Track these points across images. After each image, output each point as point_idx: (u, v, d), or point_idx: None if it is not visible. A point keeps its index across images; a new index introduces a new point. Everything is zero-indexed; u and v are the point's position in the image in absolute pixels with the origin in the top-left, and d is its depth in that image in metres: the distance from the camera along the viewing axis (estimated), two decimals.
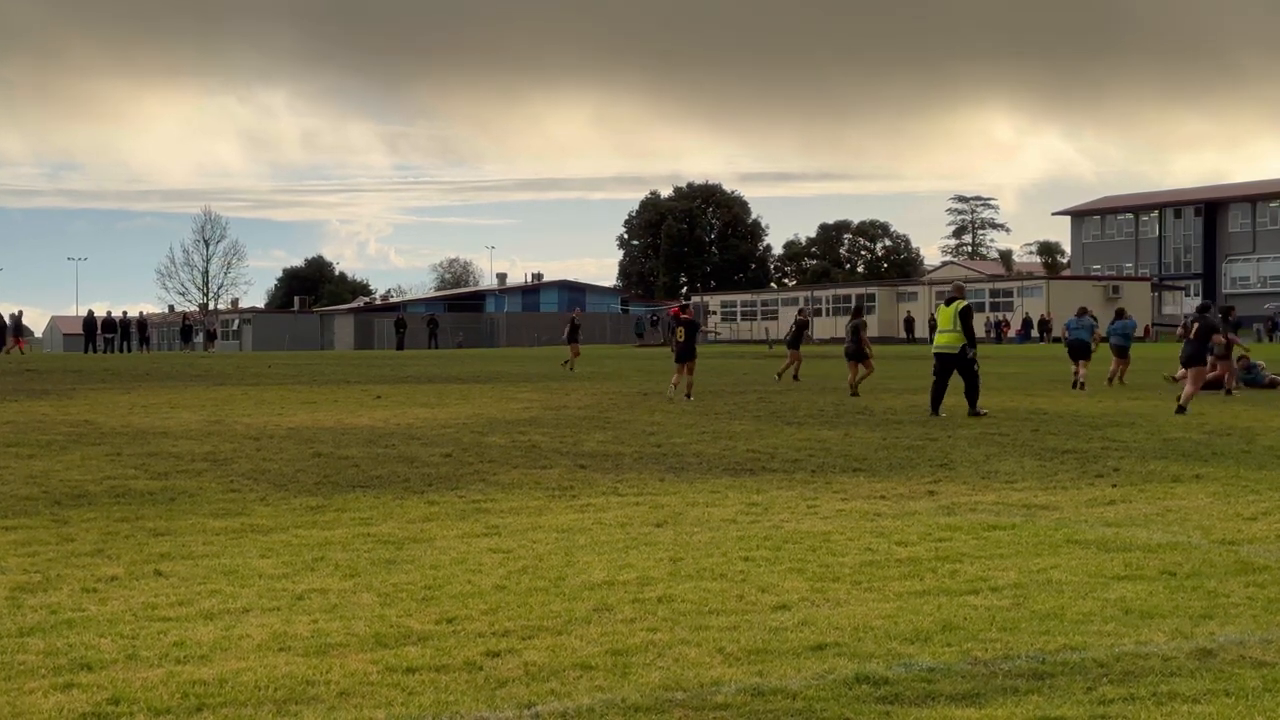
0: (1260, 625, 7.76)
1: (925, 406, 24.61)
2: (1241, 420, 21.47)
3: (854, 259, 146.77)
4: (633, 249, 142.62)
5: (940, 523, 11.50)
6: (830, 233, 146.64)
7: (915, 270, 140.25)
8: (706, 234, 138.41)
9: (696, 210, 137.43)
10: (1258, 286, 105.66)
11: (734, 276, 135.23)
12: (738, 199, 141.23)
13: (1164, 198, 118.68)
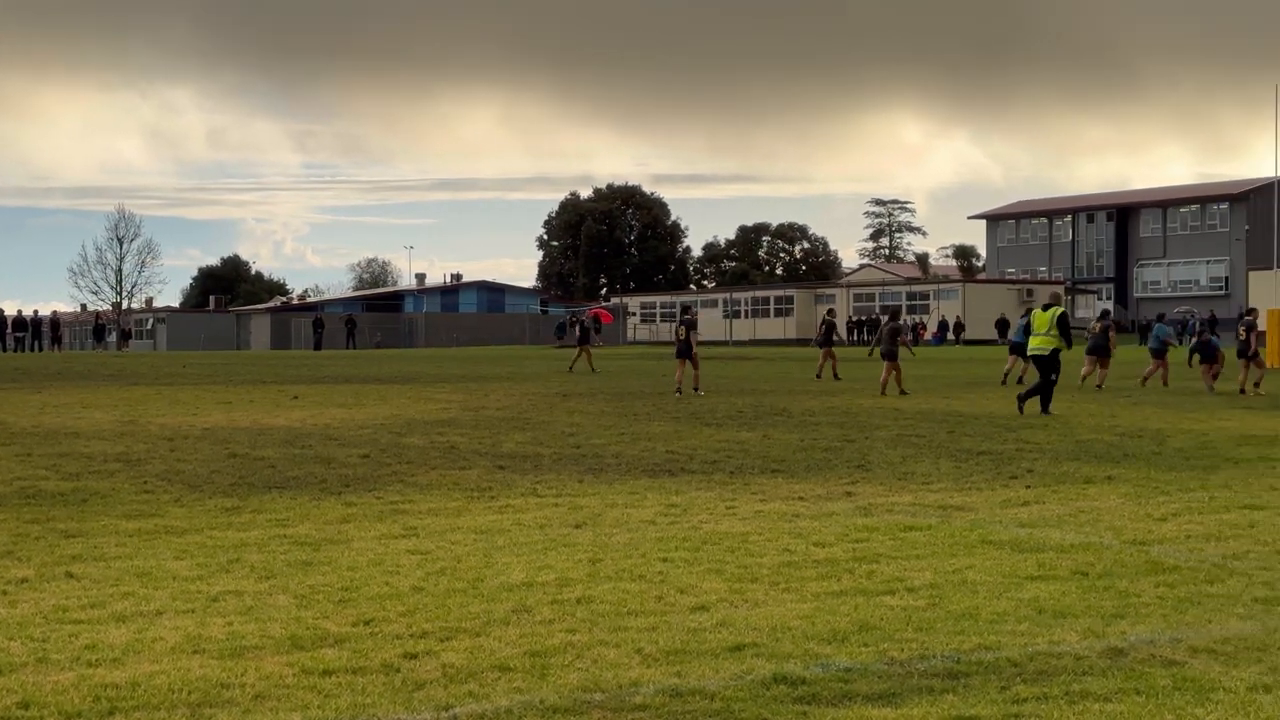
0: (1170, 624, 7.88)
1: (843, 408, 24.80)
2: (1152, 423, 21.78)
3: (773, 261, 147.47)
4: (552, 250, 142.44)
5: (857, 524, 11.57)
6: (749, 235, 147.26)
7: (833, 273, 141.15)
8: (626, 235, 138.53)
9: (616, 212, 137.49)
10: (1168, 291, 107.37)
11: (654, 278, 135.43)
12: (657, 201, 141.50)
13: (1077, 202, 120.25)
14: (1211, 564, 9.73)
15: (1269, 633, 7.63)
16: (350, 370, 41.74)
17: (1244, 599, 8.54)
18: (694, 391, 29.21)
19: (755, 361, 50.56)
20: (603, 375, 38.97)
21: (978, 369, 43.52)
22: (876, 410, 24.33)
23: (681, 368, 30.02)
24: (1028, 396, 23.85)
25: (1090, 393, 29.66)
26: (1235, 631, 7.68)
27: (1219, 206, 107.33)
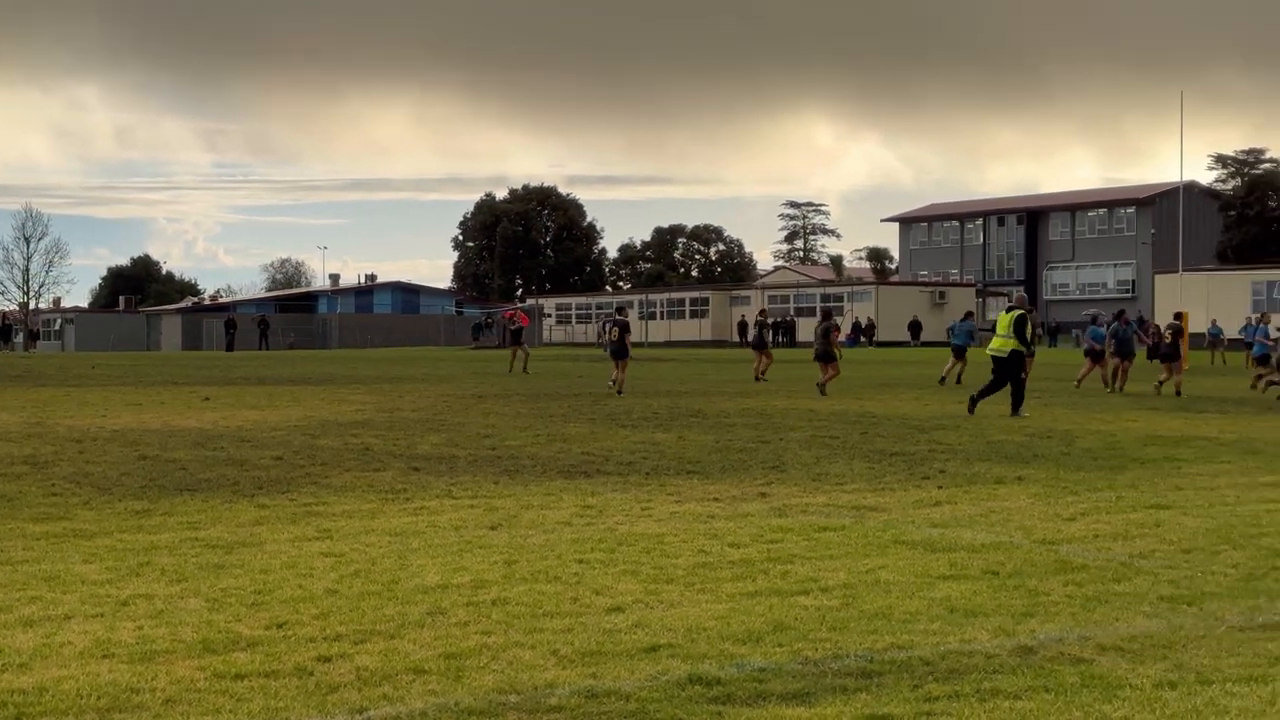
0: (1078, 623, 7.99)
1: (758, 409, 24.93)
2: (1061, 424, 22.07)
3: (688, 263, 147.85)
4: (468, 251, 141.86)
5: (772, 524, 11.63)
6: (665, 236, 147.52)
7: (748, 274, 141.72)
8: (542, 236, 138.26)
9: (532, 213, 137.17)
10: (1076, 293, 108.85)
11: (570, 279, 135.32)
12: (573, 202, 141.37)
13: (988, 206, 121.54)
14: (1119, 563, 9.88)
15: (1174, 630, 7.76)
16: (263, 371, 41.36)
17: (1150, 597, 8.68)
18: (614, 392, 29.37)
19: (670, 363, 50.67)
20: (519, 377, 38.90)
21: (891, 370, 43.94)
22: (791, 411, 24.46)
23: (619, 367, 30.17)
24: (980, 397, 24.20)
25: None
26: (1141, 629, 7.80)
27: (1126, 211, 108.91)
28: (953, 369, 34.97)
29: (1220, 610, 8.29)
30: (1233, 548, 10.50)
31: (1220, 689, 6.58)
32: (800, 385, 34.31)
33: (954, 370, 34.98)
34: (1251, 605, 8.43)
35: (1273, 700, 6.39)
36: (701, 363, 52.58)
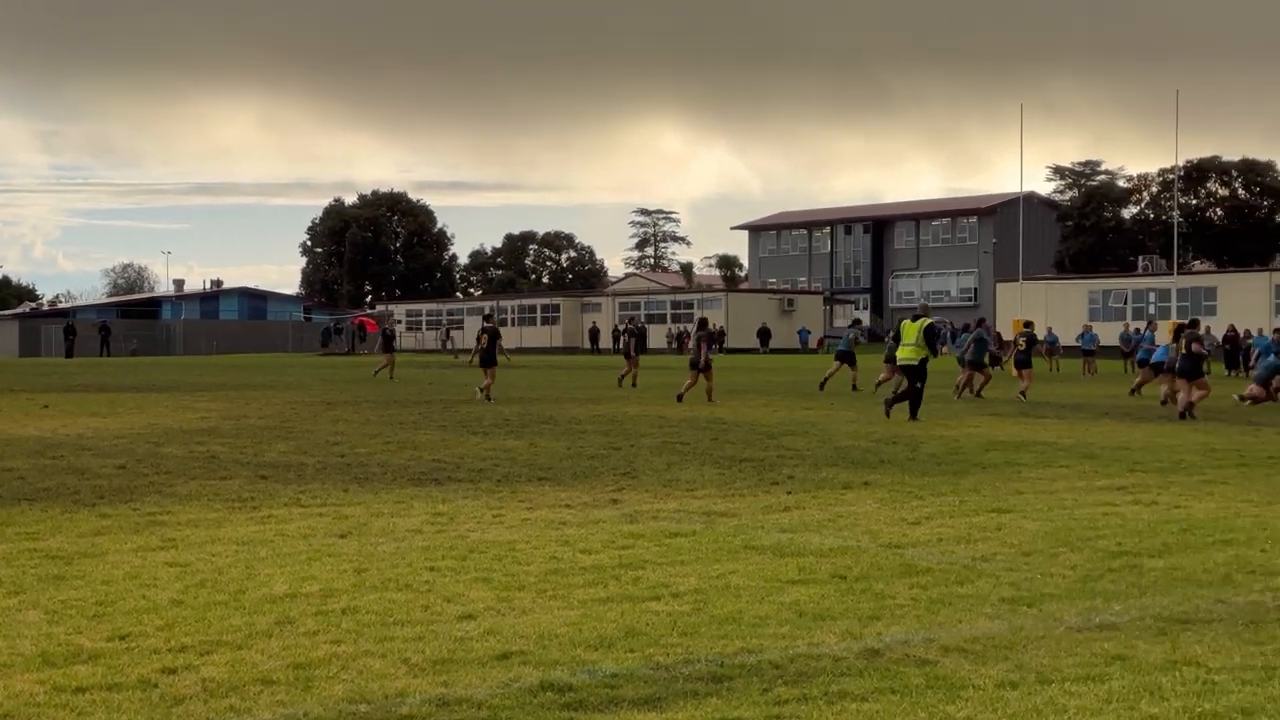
0: (923, 625, 8.14)
1: (609, 416, 25.00)
2: (906, 430, 22.44)
3: (539, 269, 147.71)
4: (316, 257, 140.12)
5: (624, 530, 11.67)
6: (516, 243, 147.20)
7: (599, 281, 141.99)
8: (392, 242, 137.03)
9: (381, 218, 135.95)
10: (921, 301, 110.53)
11: (420, 285, 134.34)
12: (423, 208, 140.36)
13: (835, 214, 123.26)
14: (962, 566, 10.08)
15: (1015, 631, 7.94)
16: (104, 378, 40.45)
17: (992, 599, 8.87)
18: (485, 399, 29.36)
19: (522, 370, 50.54)
20: (369, 383, 38.54)
21: (740, 377, 44.31)
22: (642, 418, 24.57)
23: (488, 375, 30.50)
24: (895, 402, 24.90)
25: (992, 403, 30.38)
26: (984, 630, 7.97)
27: (968, 220, 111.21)
28: (835, 373, 35.77)
29: (1059, 611, 8.50)
30: (1071, 550, 10.77)
31: (1059, 688, 6.75)
32: (651, 392, 34.47)
33: (835, 374, 35.80)
34: (1088, 606, 8.66)
35: (1109, 699, 6.57)
36: (553, 369, 52.57)
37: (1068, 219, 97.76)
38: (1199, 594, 9.05)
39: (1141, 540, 11.23)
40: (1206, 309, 67.39)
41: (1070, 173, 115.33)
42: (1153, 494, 14.28)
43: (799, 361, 67.15)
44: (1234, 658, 7.33)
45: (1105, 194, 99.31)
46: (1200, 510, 13.05)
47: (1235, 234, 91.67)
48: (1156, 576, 9.68)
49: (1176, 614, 8.42)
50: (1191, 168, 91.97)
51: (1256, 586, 9.33)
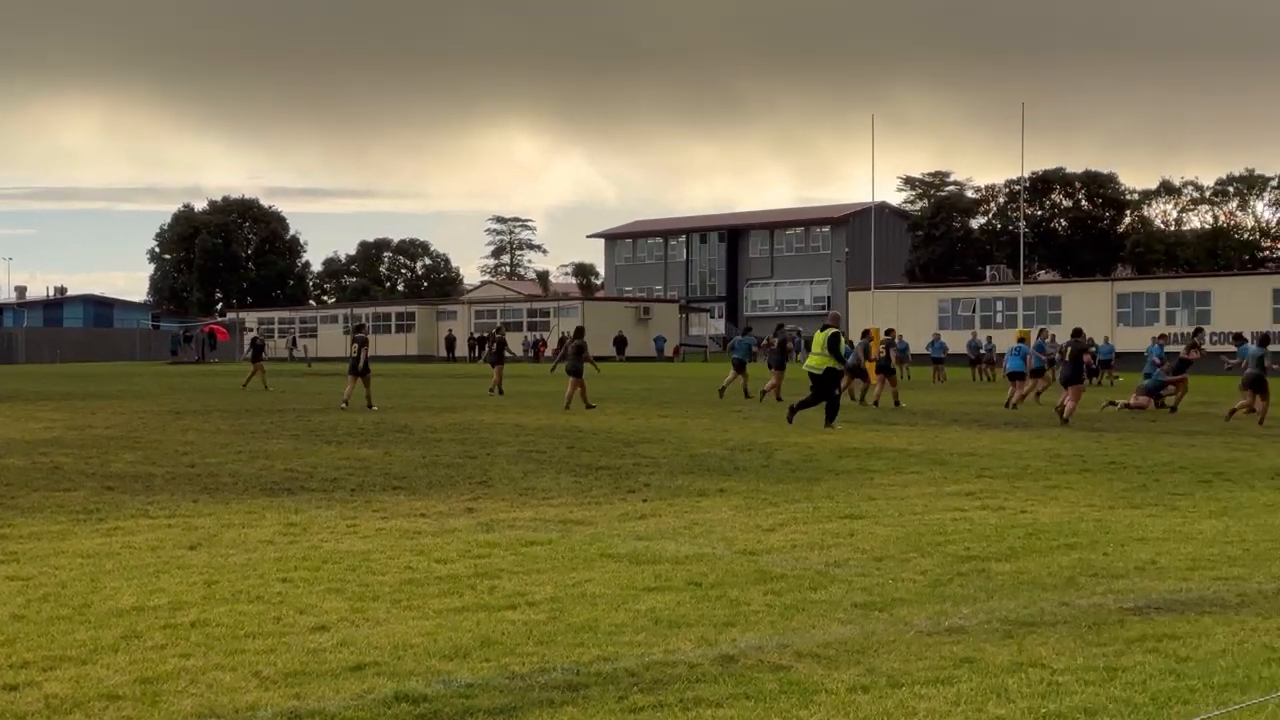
0: (777, 631, 8.22)
1: (464, 424, 24.89)
2: (761, 436, 22.65)
3: (394, 277, 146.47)
4: (165, 263, 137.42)
5: (479, 539, 11.62)
6: (370, 250, 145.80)
7: (455, 289, 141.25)
8: (243, 249, 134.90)
9: (232, 225, 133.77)
10: (775, 309, 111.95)
11: (272, 293, 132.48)
12: (275, 214, 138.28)
13: (690, 223, 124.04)
14: (815, 571, 10.19)
15: (867, 636, 8.05)
16: None
17: (844, 604, 8.98)
18: (368, 408, 29.64)
19: (376, 378, 50.04)
20: (219, 392, 37.92)
21: (596, 385, 44.31)
22: (498, 426, 24.49)
23: (353, 384, 30.55)
24: (800, 408, 25.35)
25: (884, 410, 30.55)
26: (836, 636, 8.07)
27: (822, 230, 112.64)
28: (732, 381, 36.18)
29: (909, 615, 8.64)
30: (921, 555, 10.95)
31: (909, 691, 6.86)
32: (510, 400, 34.38)
33: (733, 382, 36.20)
34: (938, 610, 8.80)
35: (957, 701, 6.69)
36: (408, 378, 52.17)
37: (918, 229, 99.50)
38: (1044, 597, 9.25)
39: (989, 545, 11.45)
40: (1052, 318, 68.99)
41: (920, 183, 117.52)
42: (1000, 499, 14.57)
43: (655, 369, 67.44)
44: (1077, 659, 7.51)
45: (954, 204, 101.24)
46: (1045, 515, 13.34)
47: (1079, 244, 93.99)
48: (1003, 580, 9.88)
49: (1022, 617, 8.59)
50: (1037, 179, 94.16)
51: (1099, 589, 9.56)
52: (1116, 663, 7.41)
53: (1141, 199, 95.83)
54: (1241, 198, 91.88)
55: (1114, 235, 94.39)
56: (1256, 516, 13.31)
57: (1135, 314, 69.33)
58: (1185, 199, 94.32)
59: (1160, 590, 9.51)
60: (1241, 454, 20.06)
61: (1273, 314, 64.00)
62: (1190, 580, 9.90)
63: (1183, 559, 10.80)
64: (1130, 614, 8.69)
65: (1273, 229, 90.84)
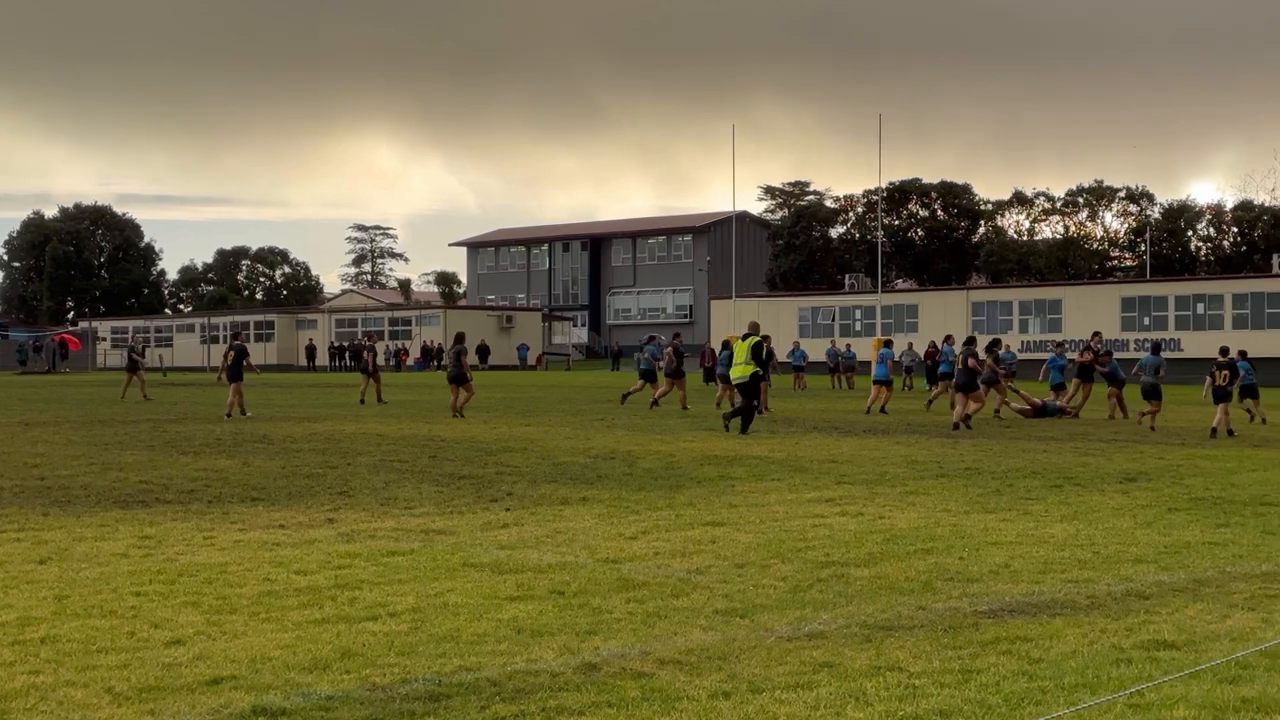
0: (639, 638, 8.24)
1: (325, 434, 24.63)
2: (624, 445, 22.70)
3: (253, 285, 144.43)
4: (13, 271, 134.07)
5: (340, 550, 11.50)
6: (228, 259, 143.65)
7: (315, 298, 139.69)
8: (96, 257, 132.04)
9: (84, 232, 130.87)
10: (638, 318, 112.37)
11: (126, 301, 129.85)
12: (129, 221, 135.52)
13: (553, 232, 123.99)
14: (677, 579, 10.24)
15: (728, 642, 8.11)
16: None
17: (706, 611, 9.04)
18: (242, 414, 29.90)
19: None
20: (71, 403, 37.08)
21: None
22: (359, 436, 24.26)
23: (235, 392, 30.83)
24: (732, 416, 25.80)
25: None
26: (698, 642, 8.12)
27: (683, 238, 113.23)
28: (639, 391, 36.41)
29: (770, 621, 8.72)
30: (782, 561, 11.05)
31: (770, 696, 6.92)
32: (369, 409, 34.07)
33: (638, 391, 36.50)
34: (799, 616, 8.90)
35: (817, 705, 6.77)
36: (268, 388, 51.42)
37: (778, 238, 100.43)
38: (902, 601, 9.39)
39: (848, 550, 11.60)
40: (909, 325, 70.16)
41: (780, 193, 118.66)
42: (859, 505, 14.76)
43: (518, 378, 67.31)
44: (934, 662, 7.63)
45: (814, 214, 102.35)
46: (903, 520, 13.55)
47: (935, 253, 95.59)
48: (862, 585, 10.01)
49: (881, 621, 8.72)
50: (894, 189, 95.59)
51: (955, 593, 9.73)
52: (971, 665, 7.55)
53: (995, 209, 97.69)
54: (1091, 208, 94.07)
55: (969, 245, 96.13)
56: (1105, 520, 13.65)
57: (990, 322, 70.65)
58: (1037, 209, 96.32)
59: (1014, 593, 9.71)
60: (1092, 459, 20.56)
61: (1121, 322, 65.69)
62: (1042, 583, 10.12)
63: (1035, 562, 11.03)
64: (985, 617, 8.86)
65: (1121, 239, 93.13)
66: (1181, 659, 7.71)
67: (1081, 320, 66.56)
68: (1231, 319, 62.31)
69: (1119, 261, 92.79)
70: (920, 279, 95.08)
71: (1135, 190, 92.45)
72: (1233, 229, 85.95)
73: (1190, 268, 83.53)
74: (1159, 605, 9.28)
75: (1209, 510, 14.46)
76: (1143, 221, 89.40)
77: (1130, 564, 11.01)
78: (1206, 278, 73.17)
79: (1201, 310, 64.70)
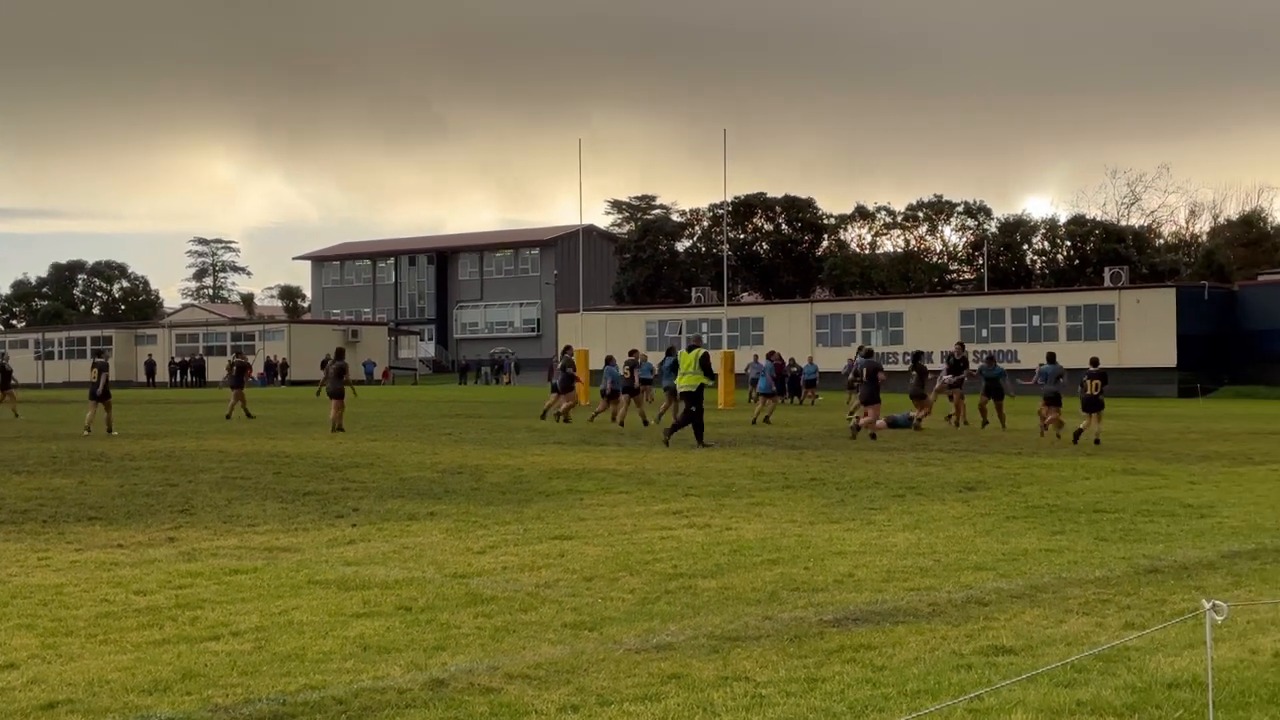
0: (488, 653, 8.21)
1: (165, 451, 24.17)
2: (472, 459, 22.60)
3: (89, 300, 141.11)
4: None
5: (181, 569, 11.29)
6: (64, 273, 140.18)
7: (155, 312, 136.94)
8: None
9: None
10: (485, 332, 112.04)
11: None
12: None
13: (399, 245, 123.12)
14: (525, 593, 10.22)
15: (577, 656, 8.11)
16: None
17: (555, 625, 9.04)
18: (108, 433, 29.45)
19: (72, 405, 48.14)
20: None
21: (305, 409, 43.64)
22: (201, 453, 23.84)
23: (94, 409, 30.38)
24: (674, 430, 26.31)
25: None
26: (547, 656, 8.11)
27: (531, 252, 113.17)
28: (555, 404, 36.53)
29: (618, 634, 8.74)
30: (630, 574, 11.09)
31: (618, 709, 6.94)
32: (211, 425, 33.51)
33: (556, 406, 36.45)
34: (647, 628, 8.93)
35: (665, 717, 6.80)
36: None
37: (625, 251, 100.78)
38: (748, 612, 9.48)
39: (696, 562, 11.68)
40: (755, 338, 70.84)
41: (627, 206, 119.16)
42: (706, 517, 14.87)
43: (364, 393, 66.61)
44: (780, 671, 7.72)
45: (660, 228, 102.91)
46: (750, 532, 13.67)
47: (780, 266, 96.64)
48: (710, 597, 10.09)
49: (728, 632, 8.79)
50: (740, 203, 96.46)
51: (800, 603, 9.85)
52: (817, 673, 7.65)
53: (838, 223, 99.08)
54: (931, 222, 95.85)
55: (813, 258, 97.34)
56: (946, 529, 13.92)
57: (833, 334, 71.69)
58: (879, 223, 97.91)
59: (858, 602, 9.85)
60: (933, 469, 20.94)
61: (960, 333, 67.01)
62: (885, 592, 10.29)
63: (879, 571, 11.21)
64: (830, 626, 8.98)
65: (960, 253, 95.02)
66: (1019, 663, 7.89)
67: (922, 332, 67.83)
68: (1065, 330, 63.94)
69: (958, 275, 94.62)
70: (766, 292, 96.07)
71: (973, 205, 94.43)
72: (1066, 243, 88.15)
73: (1026, 281, 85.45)
74: (998, 611, 9.49)
75: (1045, 518, 14.82)
76: (980, 236, 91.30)
77: (970, 571, 11.24)
78: (1042, 290, 74.94)
79: (1037, 322, 66.28)
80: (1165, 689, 7.23)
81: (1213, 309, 65.71)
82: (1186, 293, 65.30)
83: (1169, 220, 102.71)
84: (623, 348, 66.67)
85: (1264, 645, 8.31)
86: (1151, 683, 7.36)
